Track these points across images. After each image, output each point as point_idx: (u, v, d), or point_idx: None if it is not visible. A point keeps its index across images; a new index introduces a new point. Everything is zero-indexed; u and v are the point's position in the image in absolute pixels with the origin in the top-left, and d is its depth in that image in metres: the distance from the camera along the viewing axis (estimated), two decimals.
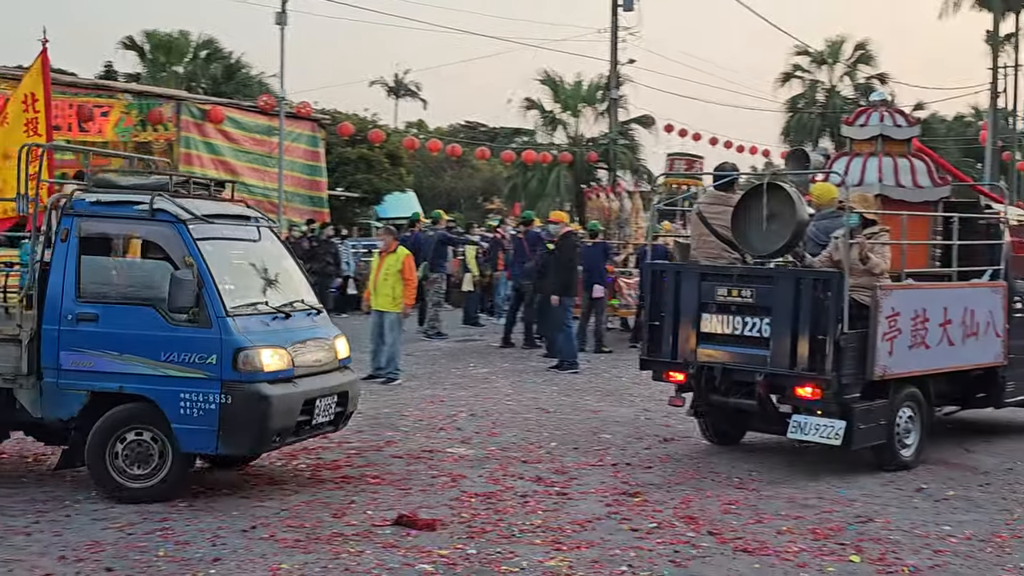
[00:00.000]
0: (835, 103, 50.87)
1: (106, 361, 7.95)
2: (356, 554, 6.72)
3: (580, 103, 38.38)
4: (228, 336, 7.87)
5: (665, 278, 10.27)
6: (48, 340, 8.04)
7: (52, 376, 8.04)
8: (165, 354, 7.88)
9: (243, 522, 7.43)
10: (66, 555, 6.62)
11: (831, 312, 9.06)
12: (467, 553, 6.79)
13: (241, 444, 8.14)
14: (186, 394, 7.81)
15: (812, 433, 9.22)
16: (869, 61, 53.05)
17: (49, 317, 8.05)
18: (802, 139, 49.34)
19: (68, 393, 8.02)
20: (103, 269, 8.50)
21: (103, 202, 8.34)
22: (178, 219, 8.11)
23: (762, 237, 9.61)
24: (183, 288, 7.72)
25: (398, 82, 77.90)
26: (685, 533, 7.36)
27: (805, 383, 9.16)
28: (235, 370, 7.83)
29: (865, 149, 10.98)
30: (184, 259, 7.90)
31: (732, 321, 9.72)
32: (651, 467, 9.49)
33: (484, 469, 9.26)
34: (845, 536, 7.37)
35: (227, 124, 24.49)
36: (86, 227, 8.21)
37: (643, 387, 14.29)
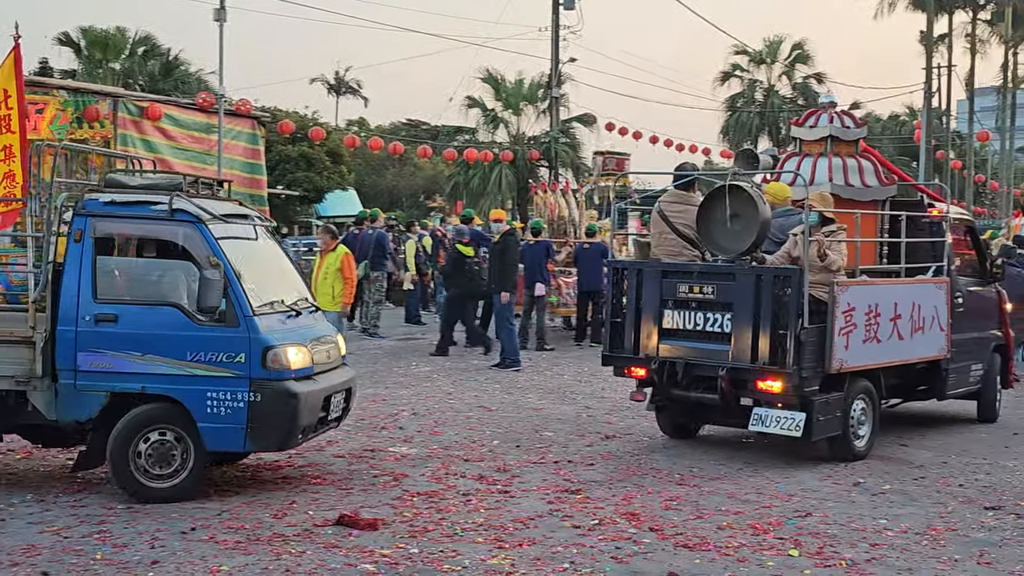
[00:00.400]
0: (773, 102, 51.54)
1: (127, 361, 7.97)
2: (297, 555, 6.68)
3: (522, 101, 38.37)
4: (256, 335, 7.98)
5: (627, 276, 10.37)
6: (64, 341, 7.98)
7: (68, 378, 7.98)
8: (191, 354, 7.94)
9: (182, 524, 7.34)
10: (0, 560, 6.52)
11: (791, 308, 9.30)
12: (409, 552, 6.78)
13: (269, 441, 8.24)
14: (213, 393, 7.89)
15: (773, 425, 9.43)
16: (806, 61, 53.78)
17: (65, 318, 8.00)
18: (741, 138, 49.87)
19: (86, 394, 7.98)
20: (121, 269, 8.53)
21: (118, 202, 8.30)
22: (199, 219, 8.15)
23: (728, 237, 9.80)
24: (212, 288, 7.79)
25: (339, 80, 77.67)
26: (627, 530, 7.39)
27: (767, 377, 9.37)
28: (264, 368, 7.95)
29: (815, 149, 11.23)
30: (209, 259, 7.94)
31: (694, 317, 9.89)
32: (593, 464, 9.53)
33: (426, 468, 9.24)
34: (784, 531, 7.44)
35: (165, 121, 24.16)
36: (101, 227, 8.19)
37: (585, 385, 14.40)
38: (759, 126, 52.22)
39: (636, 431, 11.15)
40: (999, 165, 58.39)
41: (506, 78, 38.38)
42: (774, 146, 47.11)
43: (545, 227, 20.66)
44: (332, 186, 41.24)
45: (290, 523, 7.41)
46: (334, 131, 47.82)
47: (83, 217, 8.13)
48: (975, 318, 11.67)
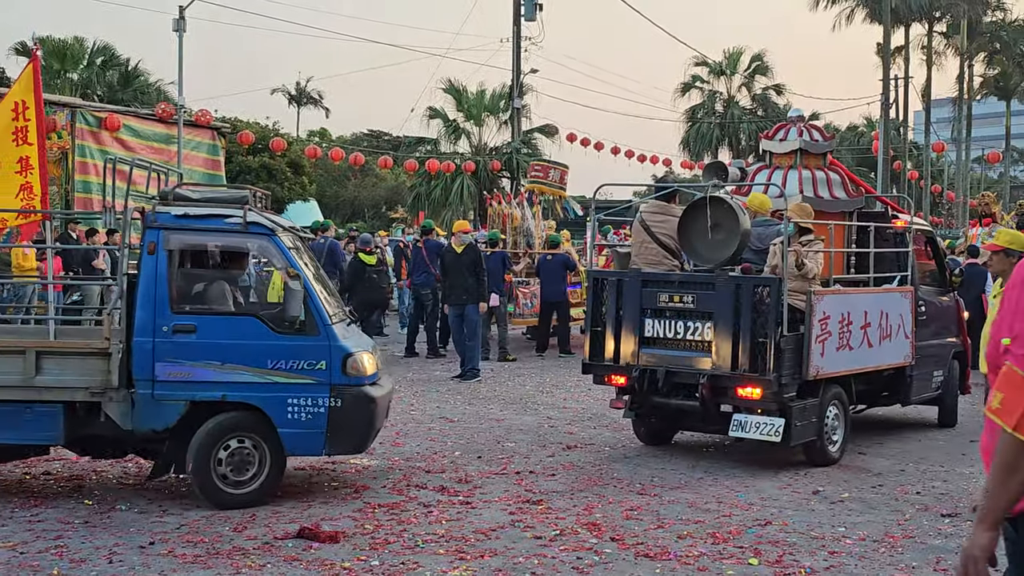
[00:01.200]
0: (733, 113, 51.89)
1: (207, 371, 8.12)
2: (258, 568, 6.65)
3: (483, 112, 38.53)
4: (335, 342, 8.24)
5: (607, 285, 10.48)
6: (141, 352, 8.06)
7: (146, 388, 8.06)
8: (272, 362, 8.15)
9: (141, 538, 7.29)
10: None
11: (771, 316, 9.43)
12: (370, 565, 6.76)
13: (348, 445, 8.55)
14: (294, 400, 8.13)
15: (753, 431, 9.56)
16: (766, 72, 54.23)
17: (141, 329, 8.08)
18: (701, 148, 50.25)
19: (165, 404, 8.09)
20: (196, 280, 8.66)
21: (191, 215, 8.35)
22: (273, 231, 8.38)
23: (710, 247, 10.01)
24: (295, 298, 8.08)
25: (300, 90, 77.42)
26: (588, 540, 7.40)
27: (747, 384, 9.49)
28: (344, 374, 8.23)
29: (785, 162, 11.45)
30: (288, 270, 8.20)
31: (674, 326, 9.99)
32: (554, 474, 9.54)
33: (387, 479, 9.23)
34: (744, 539, 7.48)
35: (124, 132, 24.08)
36: (174, 240, 8.26)
37: (547, 395, 14.43)
38: (719, 137, 52.56)
39: (598, 441, 11.19)
40: (955, 176, 59.11)
41: (468, 89, 38.56)
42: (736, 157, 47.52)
43: (503, 238, 20.69)
44: (293, 197, 41.08)
45: (250, 536, 7.37)
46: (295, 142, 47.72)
47: (156, 230, 8.20)
48: (936, 326, 11.90)
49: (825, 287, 10.17)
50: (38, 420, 8.07)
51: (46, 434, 8.22)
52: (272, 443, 8.16)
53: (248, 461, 8.13)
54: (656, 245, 10.46)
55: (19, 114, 9.92)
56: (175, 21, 24.67)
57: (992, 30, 57.56)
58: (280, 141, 35.95)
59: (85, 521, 7.73)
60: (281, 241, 8.40)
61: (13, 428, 8.09)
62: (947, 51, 58.09)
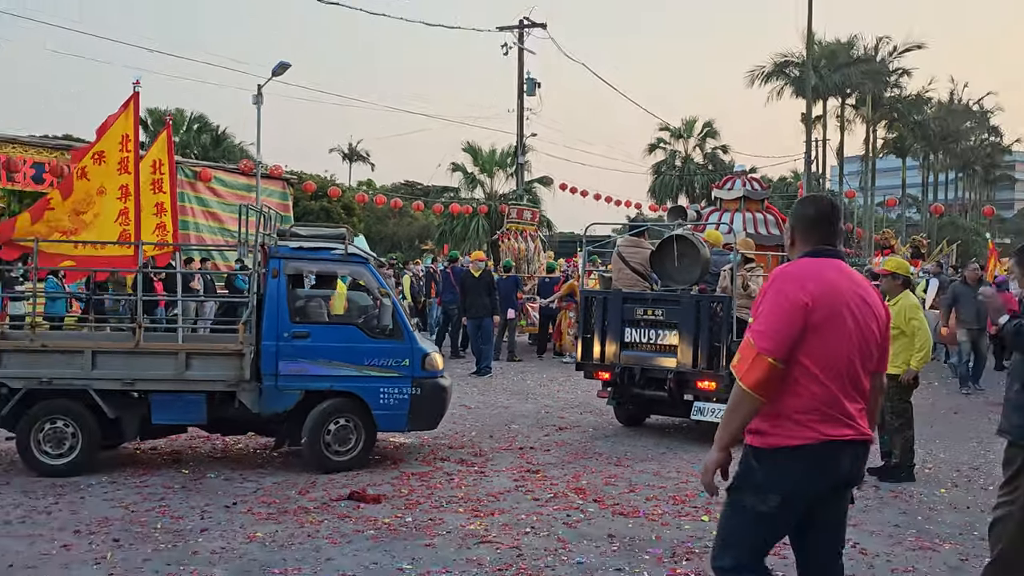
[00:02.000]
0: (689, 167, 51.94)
1: (317, 367, 8.31)
2: (316, 523, 6.65)
3: (494, 167, 38.59)
4: (416, 345, 8.52)
5: (595, 302, 10.62)
6: (267, 353, 8.23)
7: (271, 380, 8.24)
8: (368, 360, 8.36)
9: (226, 500, 7.30)
10: (80, 529, 6.45)
11: (724, 326, 9.53)
12: (405, 520, 6.76)
13: (424, 423, 8.76)
14: (385, 389, 8.36)
15: (709, 415, 9.63)
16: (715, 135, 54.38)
17: (268, 335, 8.25)
18: (664, 195, 50.22)
19: (285, 393, 8.26)
20: (309, 298, 8.86)
21: (304, 248, 8.56)
22: (366, 260, 8.75)
23: (678, 272, 10.24)
24: (386, 312, 8.40)
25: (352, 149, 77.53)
26: (575, 501, 7.40)
27: (705, 378, 9.60)
28: (423, 369, 8.46)
29: (732, 206, 11.59)
30: (379, 290, 8.51)
31: (648, 333, 10.11)
32: (549, 450, 9.52)
33: (419, 454, 9.21)
34: (697, 501, 7.46)
35: (214, 183, 24.09)
36: (291, 266, 8.49)
37: (544, 388, 14.39)
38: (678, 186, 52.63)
39: (583, 424, 11.16)
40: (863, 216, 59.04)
41: (482, 148, 38.63)
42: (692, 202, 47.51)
43: (514, 265, 20.72)
44: None
45: (311, 498, 7.37)
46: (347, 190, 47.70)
47: (277, 259, 8.38)
48: None
49: None
50: (187, 406, 8.25)
51: (193, 416, 8.36)
52: (366, 422, 8.37)
53: (348, 436, 8.34)
54: (630, 271, 10.61)
55: (156, 169, 9.92)
56: (254, 96, 24.68)
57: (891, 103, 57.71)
58: (336, 189, 36.03)
59: (183, 486, 7.74)
60: (373, 267, 8.71)
61: (169, 412, 8.27)
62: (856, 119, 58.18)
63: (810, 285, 3.47)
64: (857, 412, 3.53)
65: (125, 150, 9.43)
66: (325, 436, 8.28)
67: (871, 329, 3.57)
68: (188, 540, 6.23)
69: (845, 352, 3.47)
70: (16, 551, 5.95)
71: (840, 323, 3.46)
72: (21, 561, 5.77)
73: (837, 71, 52.20)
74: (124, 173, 9.37)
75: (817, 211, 3.74)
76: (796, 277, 3.53)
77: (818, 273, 3.53)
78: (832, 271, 3.57)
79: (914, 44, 55.38)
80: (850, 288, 3.56)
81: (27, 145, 20.27)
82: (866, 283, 3.70)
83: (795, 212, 3.82)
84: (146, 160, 9.87)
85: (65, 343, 8.63)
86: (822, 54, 51.67)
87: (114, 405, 8.14)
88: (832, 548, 3.73)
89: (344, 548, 6.08)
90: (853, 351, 3.49)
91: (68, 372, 8.09)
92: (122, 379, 8.13)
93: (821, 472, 3.48)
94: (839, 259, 3.67)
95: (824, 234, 3.68)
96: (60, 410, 8.05)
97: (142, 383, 8.17)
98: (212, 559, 5.85)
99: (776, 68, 51.13)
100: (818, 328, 3.42)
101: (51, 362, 8.13)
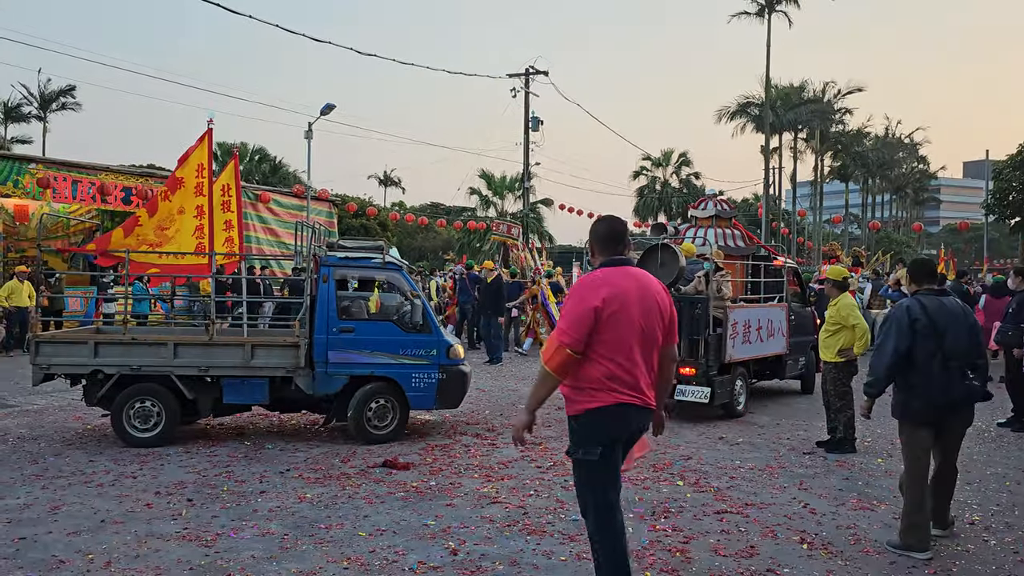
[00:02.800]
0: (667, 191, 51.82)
1: (361, 357, 8.32)
2: (356, 487, 6.65)
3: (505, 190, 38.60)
4: (442, 338, 8.49)
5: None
6: (319, 345, 8.27)
7: (322, 368, 8.27)
8: (402, 350, 8.36)
9: (281, 467, 7.31)
10: (160, 491, 6.47)
11: (702, 322, 9.65)
12: (430, 484, 6.75)
13: (449, 403, 8.65)
14: (416, 374, 8.36)
15: (690, 396, 9.73)
16: (689, 164, 54.30)
17: (319, 330, 8.28)
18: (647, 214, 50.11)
19: (334, 377, 8.29)
20: (353, 299, 8.89)
21: (349, 258, 8.58)
22: (401, 267, 8.74)
23: (661, 276, 10.06)
24: (417, 311, 8.36)
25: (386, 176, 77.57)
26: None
27: (687, 366, 9.73)
28: (448, 358, 8.45)
29: (705, 223, 11.68)
30: (411, 293, 8.46)
31: None
32: (550, 426, 9.48)
33: (441, 429, 9.20)
34: (674, 468, 7.44)
35: (272, 204, 24.18)
36: (339, 273, 8.52)
37: None
38: (658, 206, 52.58)
39: None
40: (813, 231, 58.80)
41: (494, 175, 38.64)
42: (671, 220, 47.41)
43: (519, 271, 20.65)
44: None
45: (352, 465, 7.37)
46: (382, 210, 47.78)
47: (327, 267, 8.40)
48: (800, 329, 11.84)
49: (734, 304, 10.27)
50: (252, 388, 8.28)
51: (258, 397, 8.37)
52: (401, 402, 8.39)
53: (386, 413, 8.38)
54: None
55: (225, 192, 9.98)
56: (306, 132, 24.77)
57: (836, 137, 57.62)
58: (373, 209, 36.20)
59: (245, 455, 7.75)
60: (407, 273, 8.72)
61: (238, 394, 8.30)
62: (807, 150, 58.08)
63: (603, 291, 3.71)
64: (645, 385, 3.80)
65: (201, 176, 9.49)
66: (367, 413, 8.29)
67: (654, 318, 3.81)
68: (249, 500, 6.24)
69: (629, 339, 3.72)
70: (107, 509, 5.97)
71: (625, 317, 3.70)
72: (111, 517, 5.78)
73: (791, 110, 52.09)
74: (200, 195, 9.45)
75: (609, 228, 3.92)
76: (591, 285, 3.76)
77: (608, 279, 3.76)
78: (620, 276, 3.78)
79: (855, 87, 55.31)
80: (635, 288, 3.77)
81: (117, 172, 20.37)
82: (652, 282, 3.89)
83: (593, 229, 3.95)
84: (217, 184, 9.90)
85: (152, 337, 8.66)
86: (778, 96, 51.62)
87: (191, 388, 8.18)
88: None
89: (379, 507, 6.07)
90: (636, 338, 3.74)
91: (154, 360, 8.14)
92: (199, 366, 8.16)
93: (619, 425, 3.79)
94: (628, 265, 3.86)
95: (616, 246, 3.88)
96: (147, 392, 8.10)
97: (215, 369, 8.19)
98: (269, 516, 5.85)
99: (739, 108, 51.05)
100: (608, 322, 3.68)
101: (140, 352, 8.18)
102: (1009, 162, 25.50)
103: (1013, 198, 24.90)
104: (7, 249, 19.09)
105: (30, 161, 18.91)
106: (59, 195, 18.80)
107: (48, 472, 7.04)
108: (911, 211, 75.76)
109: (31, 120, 53.21)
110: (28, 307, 16.71)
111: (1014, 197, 24.88)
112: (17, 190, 18.20)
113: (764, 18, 44.19)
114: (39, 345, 8.19)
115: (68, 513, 5.86)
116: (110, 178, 19.69)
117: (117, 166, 21.07)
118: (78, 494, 6.35)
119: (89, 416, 9.62)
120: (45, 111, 52.38)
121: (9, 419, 9.58)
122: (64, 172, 18.99)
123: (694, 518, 5.93)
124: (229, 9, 15.78)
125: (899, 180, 67.62)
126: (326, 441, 8.53)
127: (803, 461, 7.87)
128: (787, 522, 5.87)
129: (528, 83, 33.69)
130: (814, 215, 58.52)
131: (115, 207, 19.82)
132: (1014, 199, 24.93)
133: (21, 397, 11.26)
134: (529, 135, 34.68)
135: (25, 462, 7.41)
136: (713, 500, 6.40)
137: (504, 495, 6.45)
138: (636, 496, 6.47)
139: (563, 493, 6.52)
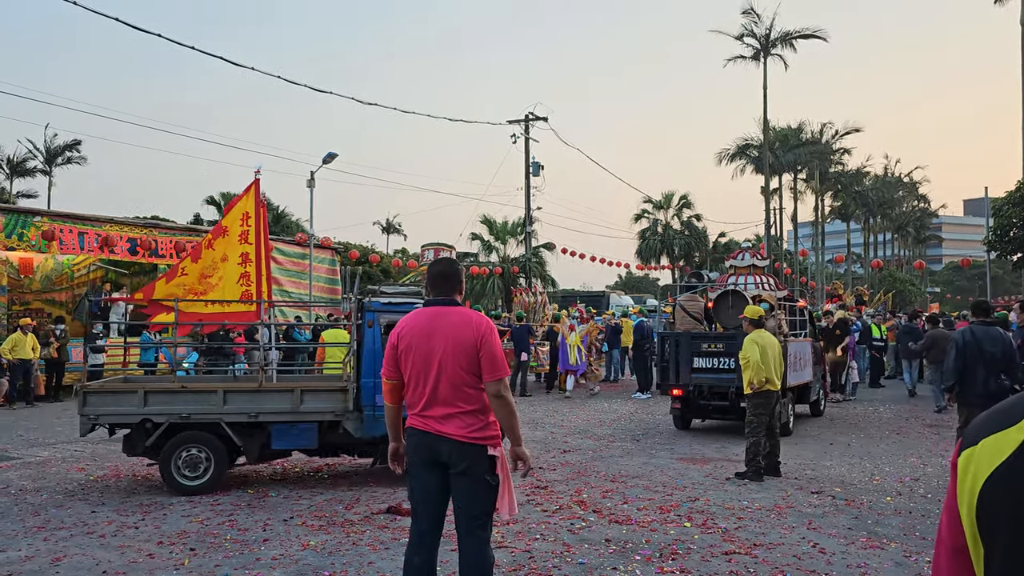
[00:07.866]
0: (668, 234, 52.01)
1: None
2: (360, 533, 6.60)
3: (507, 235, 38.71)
4: None
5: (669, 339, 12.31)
6: (366, 389, 8.25)
7: (369, 411, 8.25)
8: None
9: (284, 514, 7.26)
10: (163, 541, 6.43)
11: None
12: None
13: None
14: None
15: None
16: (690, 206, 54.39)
17: (366, 374, 8.28)
18: (648, 256, 50.17)
19: (380, 420, 8.16)
20: None
21: (393, 303, 8.63)
22: None
23: (731, 317, 11.97)
24: None
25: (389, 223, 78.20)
26: (577, 512, 7.32)
27: None
28: None
29: (744, 272, 12.64)
30: None
31: (711, 360, 11.83)
32: (555, 469, 9.44)
33: None
34: (681, 510, 7.39)
35: (275, 252, 24.33)
36: (384, 318, 8.49)
37: (551, 418, 14.30)
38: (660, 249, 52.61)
39: (584, 448, 11.07)
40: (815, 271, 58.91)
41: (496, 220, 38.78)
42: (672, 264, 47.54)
43: (525, 315, 20.73)
44: None
45: (355, 512, 7.33)
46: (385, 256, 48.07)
47: (372, 312, 8.44)
48: (815, 361, 13.57)
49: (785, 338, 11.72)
50: (302, 433, 8.29)
51: (306, 441, 8.35)
52: None
53: None
54: (690, 317, 12.81)
55: (244, 221, 9.40)
56: (307, 181, 25.07)
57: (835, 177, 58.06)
58: (375, 256, 36.30)
59: (248, 504, 7.71)
60: None
61: (286, 438, 8.30)
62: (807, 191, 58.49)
63: (402, 329, 4.09)
64: (436, 414, 3.97)
65: (245, 225, 9.46)
66: None
67: (441, 355, 3.97)
68: (253, 548, 6.20)
69: (416, 372, 4.01)
70: (109, 560, 5.93)
71: (414, 352, 4.01)
72: (113, 568, 5.74)
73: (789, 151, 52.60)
74: (244, 243, 9.43)
75: (434, 271, 4.21)
76: (399, 324, 4.14)
77: (411, 318, 4.10)
78: (424, 316, 4.07)
79: (853, 128, 55.93)
80: (428, 326, 4.01)
81: (121, 224, 20.58)
82: (454, 321, 4.02)
83: (427, 270, 4.27)
84: (236, 211, 9.62)
85: (201, 384, 8.64)
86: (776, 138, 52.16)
87: (240, 434, 8.20)
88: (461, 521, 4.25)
89: (383, 553, 6.02)
90: (423, 370, 3.99)
91: (203, 408, 8.16)
92: (248, 412, 8.17)
93: (414, 447, 4.06)
94: (444, 305, 4.08)
95: (439, 286, 4.15)
96: (196, 440, 8.12)
97: (265, 415, 8.19)
98: (273, 564, 5.80)
99: (739, 150, 51.53)
100: (402, 356, 4.07)
101: (189, 400, 8.19)
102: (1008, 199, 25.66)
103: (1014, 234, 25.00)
104: (11, 302, 19.20)
105: (35, 214, 19.13)
106: (66, 246, 18.99)
107: (50, 523, 7.01)
108: (913, 249, 75.99)
109: (36, 174, 53.86)
110: (32, 359, 16.77)
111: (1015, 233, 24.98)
112: (22, 243, 18.39)
113: (760, 62, 44.92)
114: (86, 396, 8.20)
115: (70, 564, 5.82)
116: (114, 229, 19.90)
117: (121, 217, 21.30)
118: (80, 545, 6.32)
119: (92, 467, 9.59)
120: (51, 165, 53.06)
121: (12, 471, 9.55)
122: (69, 224, 19.20)
123: (702, 559, 5.86)
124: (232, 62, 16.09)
125: (900, 219, 67.99)
126: (330, 488, 8.48)
127: (811, 500, 7.82)
128: (796, 562, 5.81)
129: (528, 128, 34.15)
130: (816, 255, 58.70)
131: (122, 256, 20.03)
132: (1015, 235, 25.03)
133: (24, 449, 11.24)
134: (530, 180, 35.03)
135: (27, 514, 7.38)
136: (721, 541, 6.34)
137: (510, 539, 6.40)
138: (643, 538, 6.41)
139: (569, 537, 6.47)
